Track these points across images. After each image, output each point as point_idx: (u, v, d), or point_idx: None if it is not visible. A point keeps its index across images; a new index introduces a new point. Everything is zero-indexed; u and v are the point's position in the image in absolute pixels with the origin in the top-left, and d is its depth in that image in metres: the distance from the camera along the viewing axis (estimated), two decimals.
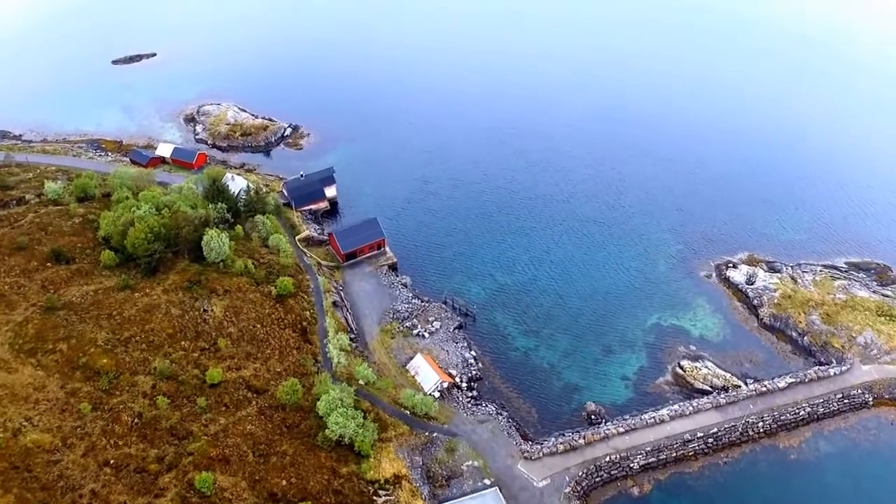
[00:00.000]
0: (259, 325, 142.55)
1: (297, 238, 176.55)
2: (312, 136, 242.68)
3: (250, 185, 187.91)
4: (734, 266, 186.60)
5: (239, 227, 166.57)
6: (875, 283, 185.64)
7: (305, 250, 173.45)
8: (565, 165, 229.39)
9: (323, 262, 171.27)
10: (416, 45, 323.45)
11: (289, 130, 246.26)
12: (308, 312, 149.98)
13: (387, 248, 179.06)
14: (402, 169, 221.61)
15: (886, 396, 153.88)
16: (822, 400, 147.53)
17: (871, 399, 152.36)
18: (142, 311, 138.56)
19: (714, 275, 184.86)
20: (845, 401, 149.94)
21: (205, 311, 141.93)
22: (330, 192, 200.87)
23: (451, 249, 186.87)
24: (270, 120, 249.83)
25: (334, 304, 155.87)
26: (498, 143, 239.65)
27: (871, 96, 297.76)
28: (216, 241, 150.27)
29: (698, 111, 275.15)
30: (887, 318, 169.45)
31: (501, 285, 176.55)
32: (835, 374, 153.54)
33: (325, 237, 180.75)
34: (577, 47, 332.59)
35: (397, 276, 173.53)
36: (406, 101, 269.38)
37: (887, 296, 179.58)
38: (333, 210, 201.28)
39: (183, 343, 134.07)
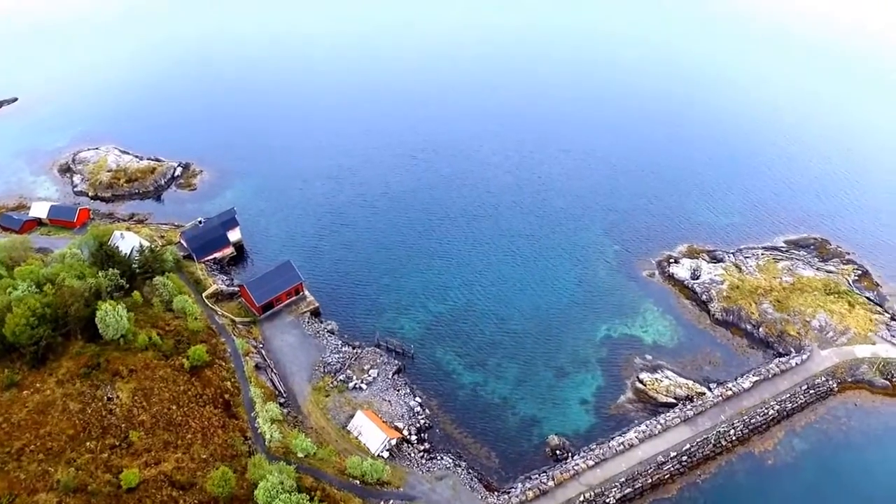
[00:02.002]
0: (175, 407, 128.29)
1: (204, 295, 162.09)
2: (206, 173, 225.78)
3: (143, 241, 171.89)
4: (676, 261, 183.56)
5: (137, 294, 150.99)
6: (817, 259, 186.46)
7: (216, 308, 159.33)
8: (484, 175, 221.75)
9: (237, 319, 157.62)
10: (310, 66, 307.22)
11: (179, 170, 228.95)
12: (229, 382, 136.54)
13: (306, 293, 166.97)
14: (310, 201, 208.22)
15: (849, 380, 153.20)
16: (788, 395, 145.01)
17: (835, 385, 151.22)
18: (34, 413, 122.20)
19: (657, 273, 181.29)
20: (811, 391, 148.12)
21: (109, 399, 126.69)
22: (234, 235, 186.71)
23: (375, 284, 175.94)
24: (157, 160, 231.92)
25: (257, 367, 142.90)
26: (410, 161, 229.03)
27: (785, 67, 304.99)
28: (112, 315, 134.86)
29: (611, 101, 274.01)
30: (835, 295, 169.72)
31: (436, 316, 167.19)
32: (796, 364, 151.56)
33: (236, 289, 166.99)
34: (480, 46, 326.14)
35: (322, 322, 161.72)
36: (306, 124, 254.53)
37: (831, 272, 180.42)
38: (240, 256, 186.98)
39: (88, 444, 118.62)
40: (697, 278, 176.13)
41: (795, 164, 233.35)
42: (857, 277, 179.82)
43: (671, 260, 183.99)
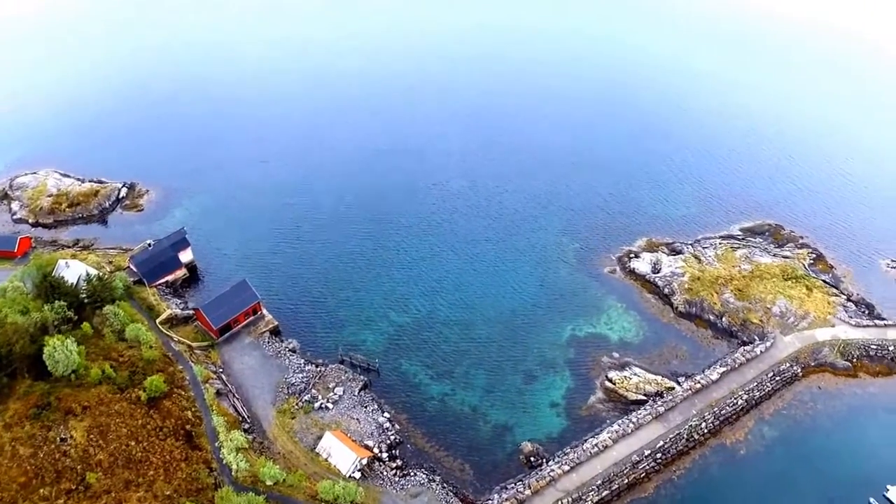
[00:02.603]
0: (133, 443, 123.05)
1: (158, 321, 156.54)
2: (153, 193, 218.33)
3: (90, 269, 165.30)
4: (636, 255, 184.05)
5: (86, 325, 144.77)
6: (772, 245, 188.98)
7: (171, 334, 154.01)
8: (438, 180, 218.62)
9: (194, 344, 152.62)
10: (257, 75, 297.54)
11: (124, 191, 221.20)
12: (189, 412, 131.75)
13: (264, 312, 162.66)
14: (263, 215, 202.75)
15: (813, 364, 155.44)
16: (756, 384, 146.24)
17: (799, 370, 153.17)
18: None
19: (618, 269, 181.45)
20: (777, 378, 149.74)
21: (63, 440, 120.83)
22: (185, 257, 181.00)
23: (334, 298, 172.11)
24: (101, 182, 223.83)
25: (218, 393, 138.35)
26: (362, 170, 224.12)
27: (727, 54, 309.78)
28: (61, 351, 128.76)
29: (559, 99, 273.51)
30: (793, 280, 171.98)
31: (399, 327, 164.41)
32: (761, 352, 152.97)
33: (191, 313, 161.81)
34: (425, 49, 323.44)
35: (282, 341, 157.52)
36: (254, 136, 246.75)
37: (787, 257, 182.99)
38: (193, 277, 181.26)
39: (42, 491, 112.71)
40: (658, 272, 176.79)
41: (744, 153, 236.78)
42: (812, 261, 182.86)
43: (631, 255, 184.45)
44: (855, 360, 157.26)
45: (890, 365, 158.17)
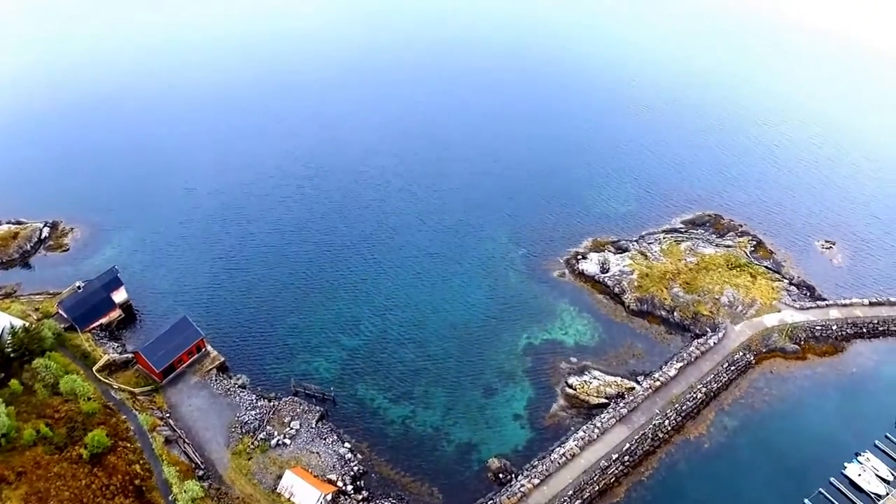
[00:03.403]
0: None
1: (95, 369, 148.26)
2: (78, 230, 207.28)
3: (14, 320, 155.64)
4: (583, 257, 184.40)
5: (14, 382, 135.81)
6: (714, 235, 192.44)
7: (110, 381, 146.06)
8: (375, 197, 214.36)
9: (136, 390, 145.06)
10: (174, 94, 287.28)
11: (46, 231, 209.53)
12: (137, 465, 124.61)
13: (209, 348, 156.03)
14: (197, 246, 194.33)
15: (764, 350, 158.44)
16: (712, 376, 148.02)
17: (752, 358, 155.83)
18: None
19: (567, 272, 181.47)
20: (732, 368, 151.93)
21: None
22: (119, 296, 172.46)
23: (281, 326, 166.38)
24: (19, 223, 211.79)
25: (167, 441, 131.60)
26: (297, 191, 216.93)
27: (659, 51, 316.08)
28: None
29: (494, 103, 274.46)
30: (737, 269, 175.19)
31: (351, 351, 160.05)
32: (714, 343, 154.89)
33: (131, 356, 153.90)
34: (350, 54, 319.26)
35: (231, 378, 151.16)
36: (179, 161, 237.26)
37: (729, 246, 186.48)
38: (129, 317, 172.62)
39: None
40: (607, 271, 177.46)
41: (677, 146, 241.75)
42: (752, 248, 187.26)
43: (578, 256, 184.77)
44: (802, 342, 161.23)
45: (835, 344, 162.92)
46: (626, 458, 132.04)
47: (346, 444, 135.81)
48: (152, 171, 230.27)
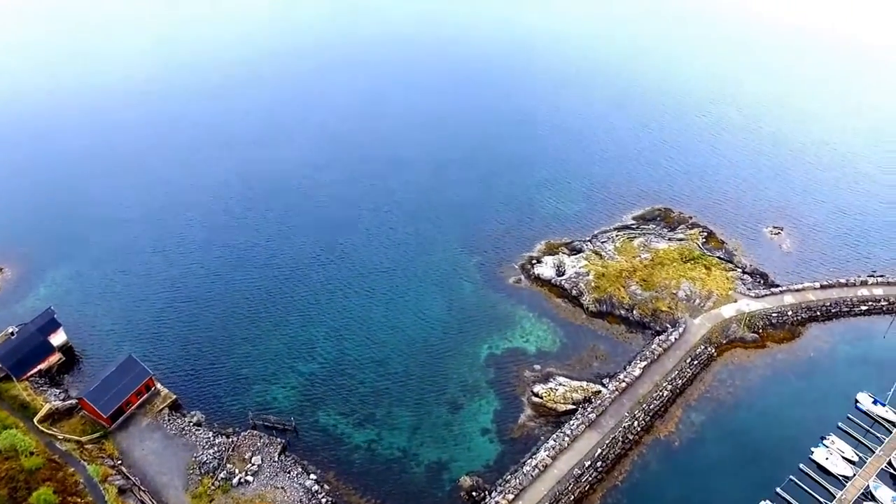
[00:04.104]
0: None
1: (36, 421, 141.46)
2: (7, 271, 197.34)
3: None
4: (538, 261, 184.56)
5: None
6: (666, 229, 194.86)
7: (54, 432, 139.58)
8: (321, 215, 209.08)
9: (83, 439, 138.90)
10: (98, 114, 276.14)
11: None
12: None
13: (159, 386, 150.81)
14: (138, 278, 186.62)
15: (724, 342, 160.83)
16: (676, 372, 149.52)
17: (713, 350, 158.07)
18: None
19: (523, 277, 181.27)
20: (695, 362, 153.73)
21: None
22: (57, 339, 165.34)
23: (233, 357, 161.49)
24: None
25: (121, 491, 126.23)
26: (239, 212, 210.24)
27: (597, 43, 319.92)
28: None
29: (423, 105, 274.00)
30: (692, 262, 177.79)
31: (309, 377, 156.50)
32: (675, 339, 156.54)
33: (75, 402, 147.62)
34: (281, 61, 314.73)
35: (185, 416, 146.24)
36: (111, 187, 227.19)
37: (681, 239, 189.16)
38: (70, 361, 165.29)
39: None
40: (563, 274, 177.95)
41: (619, 141, 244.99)
42: (704, 240, 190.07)
43: (533, 261, 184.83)
44: (761, 330, 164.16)
45: (792, 329, 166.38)
46: (599, 463, 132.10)
47: (312, 476, 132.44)
48: (84, 200, 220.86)
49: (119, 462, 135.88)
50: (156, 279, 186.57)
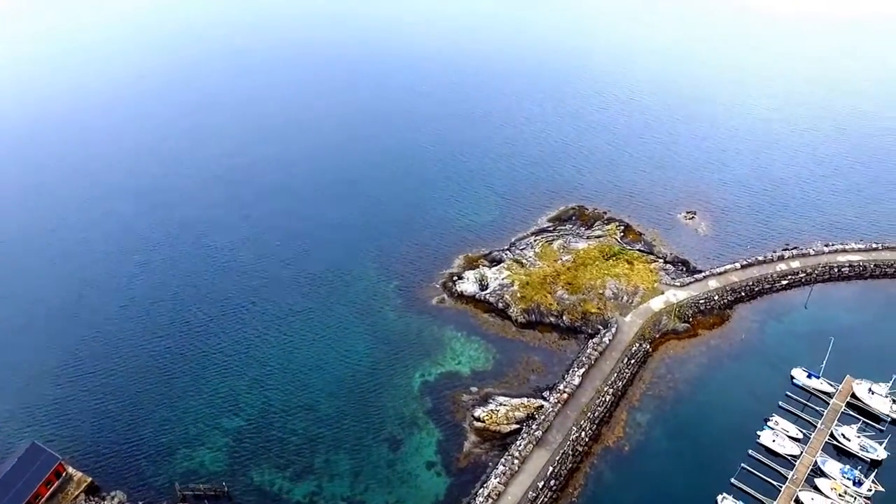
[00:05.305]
0: None
1: None
2: None
3: None
4: (459, 277, 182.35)
5: None
6: (582, 228, 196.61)
7: None
8: (228, 259, 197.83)
9: None
10: None
11: None
12: None
13: (70, 471, 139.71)
14: (32, 352, 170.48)
15: (658, 336, 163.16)
16: (615, 374, 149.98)
17: (648, 346, 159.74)
18: None
19: (446, 296, 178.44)
20: (632, 361, 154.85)
21: None
22: None
23: (151, 424, 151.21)
24: None
25: None
26: (136, 265, 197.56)
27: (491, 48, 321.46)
28: None
29: (327, 126, 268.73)
30: (614, 258, 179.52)
31: (236, 433, 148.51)
32: (609, 340, 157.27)
33: None
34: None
35: (104, 499, 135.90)
36: None
37: (599, 236, 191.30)
38: None
39: None
40: (486, 288, 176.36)
41: (519, 141, 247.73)
42: (622, 234, 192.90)
43: (454, 278, 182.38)
44: (691, 319, 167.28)
45: (720, 314, 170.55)
46: (553, 482, 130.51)
47: None
48: None
49: None
50: (53, 349, 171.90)
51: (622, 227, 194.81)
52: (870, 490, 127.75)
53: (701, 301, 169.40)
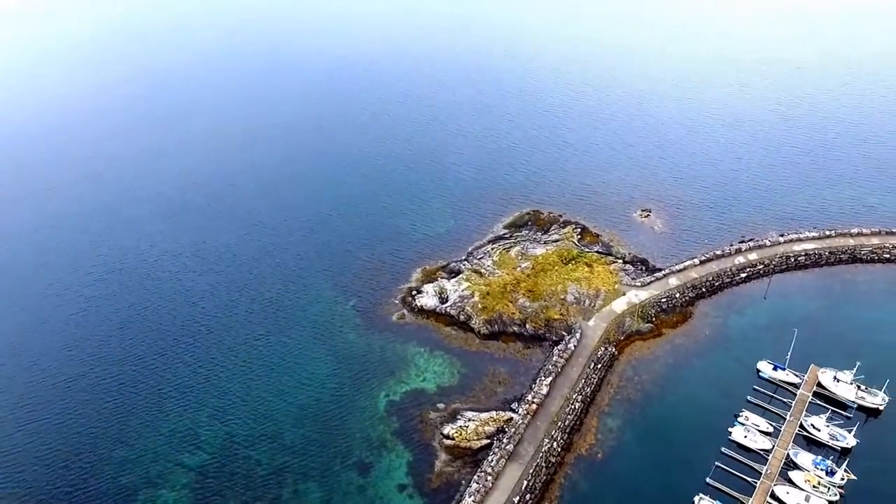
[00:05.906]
0: None
1: None
2: None
3: None
4: (418, 291, 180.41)
5: None
6: (539, 233, 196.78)
7: None
8: (178, 287, 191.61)
9: None
10: None
11: None
12: None
13: None
14: None
15: (622, 338, 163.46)
16: (583, 380, 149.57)
17: (614, 349, 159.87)
18: None
19: (406, 312, 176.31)
20: (598, 366, 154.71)
21: None
22: None
23: (109, 465, 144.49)
24: None
25: None
26: (80, 298, 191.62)
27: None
28: None
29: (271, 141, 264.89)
30: (573, 262, 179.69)
31: (199, 470, 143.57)
32: (574, 346, 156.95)
33: None
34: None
35: None
36: None
37: (557, 240, 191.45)
38: None
39: None
40: (447, 301, 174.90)
41: (466, 147, 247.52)
42: (579, 236, 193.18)
43: (413, 292, 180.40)
44: (654, 318, 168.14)
45: (683, 311, 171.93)
46: (528, 496, 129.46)
47: None
48: None
49: None
50: None
51: (579, 230, 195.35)
52: (842, 479, 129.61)
53: (663, 300, 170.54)
